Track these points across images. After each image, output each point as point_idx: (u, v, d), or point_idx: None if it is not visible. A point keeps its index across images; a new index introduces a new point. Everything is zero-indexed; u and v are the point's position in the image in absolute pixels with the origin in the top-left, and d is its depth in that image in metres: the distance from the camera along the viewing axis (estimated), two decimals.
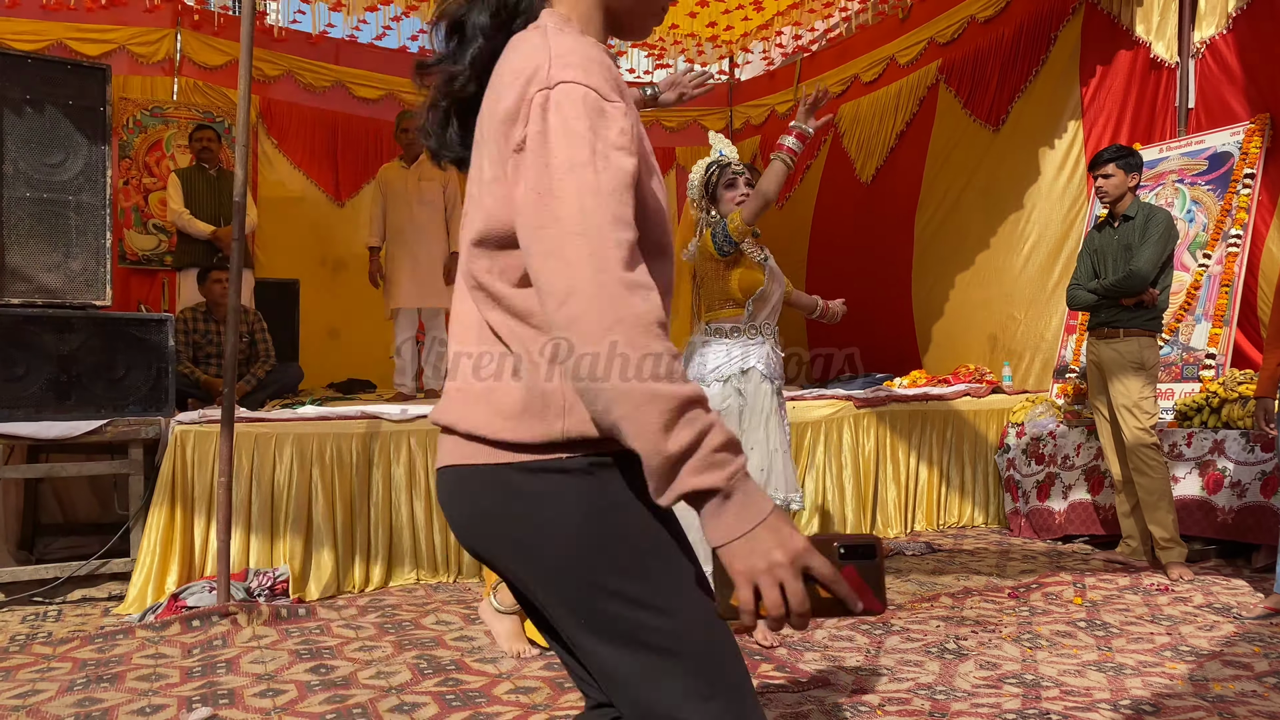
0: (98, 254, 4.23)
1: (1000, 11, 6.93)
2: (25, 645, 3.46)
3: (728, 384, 3.44)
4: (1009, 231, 6.70)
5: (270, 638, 3.53)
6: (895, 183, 7.78)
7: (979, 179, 6.91)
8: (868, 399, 5.65)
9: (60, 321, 4.09)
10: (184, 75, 7.70)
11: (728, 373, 3.45)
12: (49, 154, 4.14)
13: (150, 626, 3.61)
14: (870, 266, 7.87)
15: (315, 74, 8.42)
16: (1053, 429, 5.49)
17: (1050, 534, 5.36)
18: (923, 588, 4.27)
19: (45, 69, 4.17)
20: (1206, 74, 5.61)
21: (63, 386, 4.08)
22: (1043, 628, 3.58)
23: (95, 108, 4.25)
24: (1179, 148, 5.63)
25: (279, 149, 8.24)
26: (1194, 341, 5.21)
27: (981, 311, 6.87)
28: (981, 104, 6.98)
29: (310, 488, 4.31)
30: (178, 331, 5.38)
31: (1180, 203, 5.51)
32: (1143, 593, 4.11)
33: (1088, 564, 4.70)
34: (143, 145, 7.47)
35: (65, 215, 4.17)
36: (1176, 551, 4.40)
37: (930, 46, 7.58)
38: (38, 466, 4.31)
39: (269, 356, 5.69)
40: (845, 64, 8.59)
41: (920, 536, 5.53)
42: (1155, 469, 4.39)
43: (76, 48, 7.15)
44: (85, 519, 5.01)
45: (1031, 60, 6.59)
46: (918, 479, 5.73)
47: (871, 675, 3.06)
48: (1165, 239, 4.40)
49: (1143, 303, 4.41)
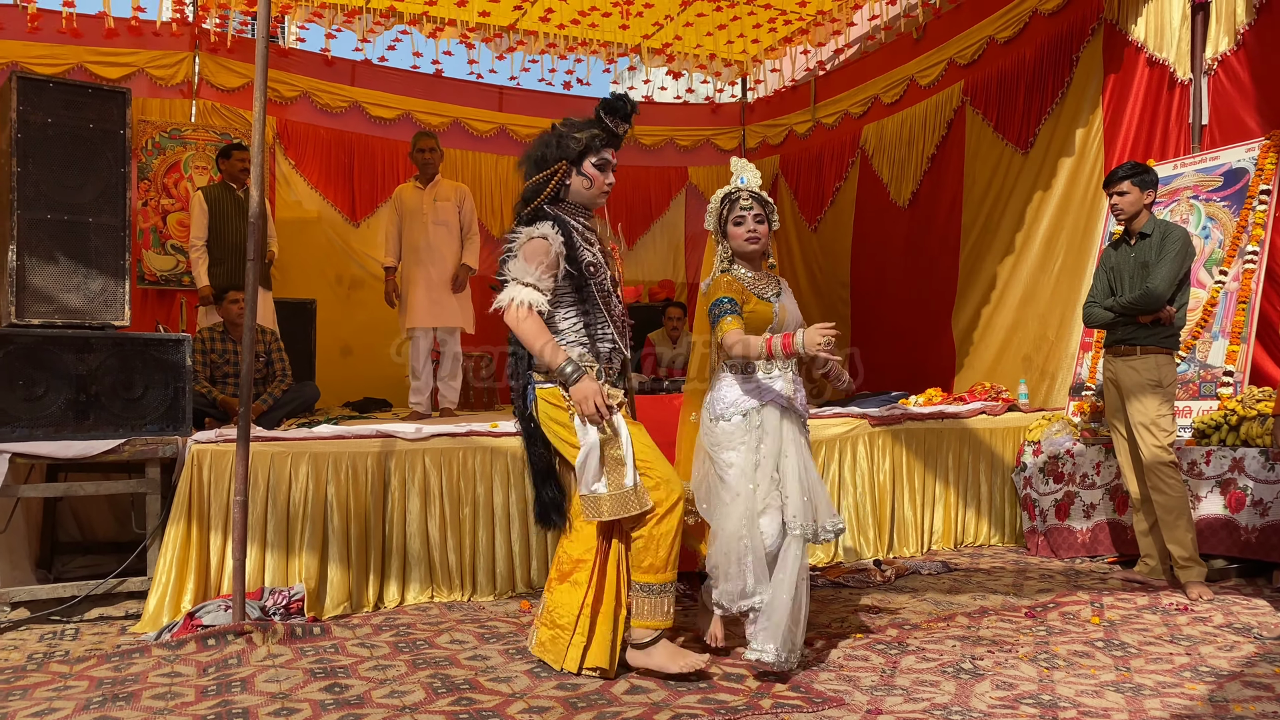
0: (117, 274, 4.28)
1: (1019, 33, 6.96)
2: (43, 663, 3.47)
3: (747, 418, 3.39)
4: (1041, 252, 6.72)
5: (285, 656, 3.53)
6: (934, 207, 7.83)
7: (1015, 202, 6.94)
8: (882, 417, 5.64)
9: (80, 341, 4.13)
10: (202, 97, 7.79)
11: (746, 407, 3.39)
12: (69, 176, 4.19)
13: (166, 645, 3.63)
14: (913, 290, 7.90)
15: (332, 95, 8.50)
16: (1070, 447, 5.46)
17: (1071, 553, 5.32)
18: (939, 607, 4.25)
19: (67, 92, 4.23)
20: (1220, 90, 5.61)
21: (81, 406, 4.11)
22: (1060, 647, 3.55)
23: (115, 130, 4.30)
24: (1193, 164, 5.62)
25: (296, 169, 8.31)
26: (1211, 359, 5.18)
27: (1018, 333, 6.90)
28: (1010, 126, 7.02)
29: (325, 506, 4.33)
30: (196, 351, 5.42)
31: (1196, 219, 5.50)
32: (1161, 612, 4.07)
33: (1105, 583, 4.66)
34: (161, 167, 7.54)
35: (85, 236, 4.22)
36: (1196, 570, 4.36)
37: (951, 67, 7.61)
38: (56, 485, 4.34)
39: (286, 376, 5.73)
40: (863, 84, 8.63)
41: (937, 556, 5.49)
42: (1173, 487, 4.36)
43: (97, 71, 7.24)
44: (103, 538, 5.04)
45: (1056, 82, 6.63)
46: (934, 498, 5.71)
47: (887, 695, 3.04)
48: (1182, 256, 4.38)
49: (1160, 320, 4.39)
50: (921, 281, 7.86)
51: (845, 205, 8.83)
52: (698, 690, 3.12)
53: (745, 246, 3.50)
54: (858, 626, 3.91)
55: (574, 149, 3.30)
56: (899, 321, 8.05)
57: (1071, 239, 6.44)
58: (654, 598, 3.24)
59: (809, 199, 9.34)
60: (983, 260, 7.24)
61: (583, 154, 3.30)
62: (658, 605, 3.25)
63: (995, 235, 7.12)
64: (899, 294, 8.08)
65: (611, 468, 3.20)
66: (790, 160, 9.67)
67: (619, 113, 3.33)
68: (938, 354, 7.60)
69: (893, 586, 4.69)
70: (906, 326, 7.96)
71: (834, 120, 9.00)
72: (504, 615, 4.21)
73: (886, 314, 8.25)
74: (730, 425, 3.40)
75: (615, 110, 3.32)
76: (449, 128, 8.89)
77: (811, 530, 3.34)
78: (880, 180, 8.38)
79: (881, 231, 8.38)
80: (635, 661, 3.27)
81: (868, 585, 4.72)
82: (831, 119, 9.03)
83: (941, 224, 7.69)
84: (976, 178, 7.36)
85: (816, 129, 9.26)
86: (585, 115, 3.42)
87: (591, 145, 3.31)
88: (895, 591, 4.57)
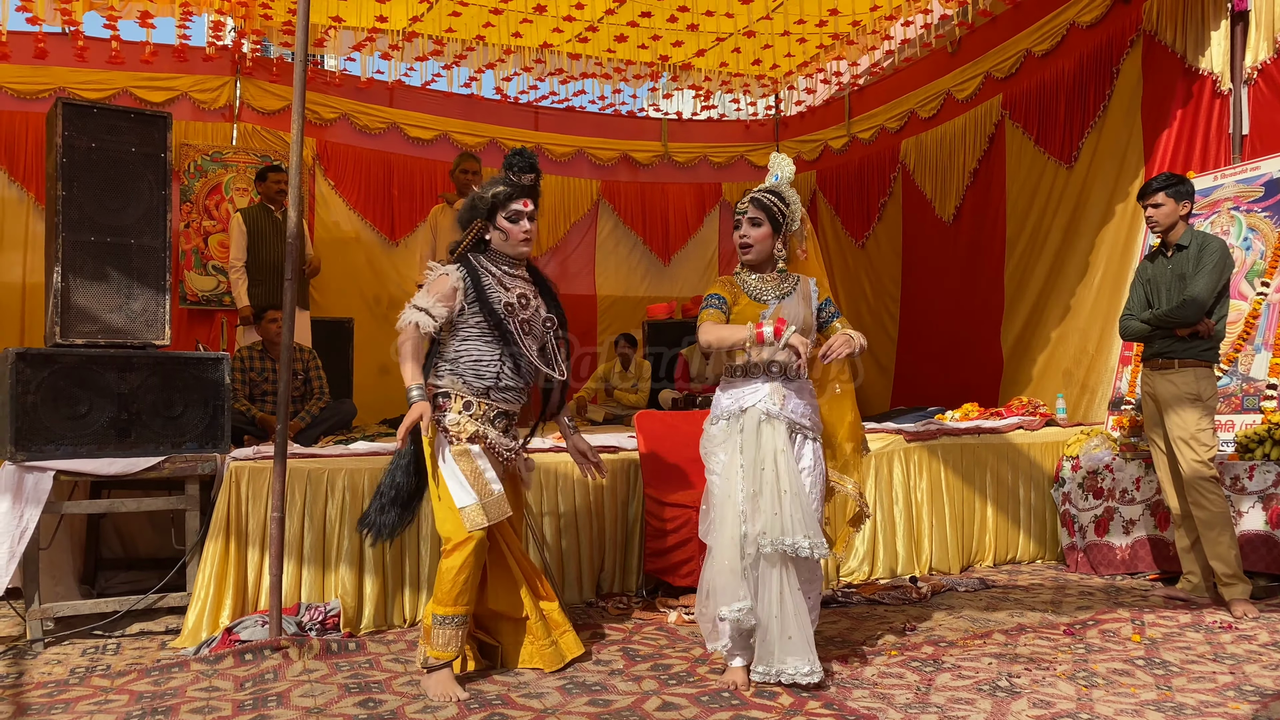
0: (158, 295, 4.36)
1: (1057, 45, 6.92)
2: (84, 678, 3.53)
3: (729, 422, 3.42)
4: (1082, 265, 6.69)
5: (320, 671, 3.57)
6: (978, 221, 7.81)
7: (1060, 218, 6.89)
8: (918, 433, 5.59)
9: (122, 360, 4.20)
10: (243, 121, 7.95)
11: (731, 411, 3.42)
12: (112, 199, 4.28)
13: (204, 660, 3.67)
14: (961, 306, 7.85)
15: (370, 117, 8.64)
16: (1109, 462, 5.38)
17: (1111, 569, 5.23)
18: (975, 624, 4.20)
19: (110, 118, 4.32)
20: (1260, 99, 5.54)
21: (123, 424, 4.19)
22: (1099, 665, 3.50)
23: (156, 154, 4.39)
24: (1234, 174, 5.54)
25: (335, 190, 8.44)
26: (1254, 371, 5.10)
27: (1060, 347, 6.84)
28: (1052, 140, 6.98)
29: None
30: (235, 370, 5.51)
31: (1237, 230, 5.42)
32: (1205, 630, 3.99)
33: (1147, 600, 4.58)
34: (203, 189, 7.70)
35: (127, 258, 4.30)
36: (1240, 588, 4.28)
37: (988, 81, 7.59)
38: (98, 503, 4.42)
39: (323, 393, 5.80)
40: (898, 98, 8.62)
41: (974, 572, 5.43)
42: (1214, 502, 4.28)
43: (141, 95, 7.41)
44: (145, 554, 5.11)
45: (1098, 95, 6.58)
46: (971, 514, 5.64)
47: (922, 713, 3.02)
48: (1221, 267, 4.31)
49: (1198, 333, 4.33)
50: (968, 296, 7.81)
51: (892, 221, 8.80)
52: (730, 708, 3.11)
53: (740, 254, 3.55)
54: (893, 644, 3.88)
55: (483, 208, 3.55)
56: (946, 337, 8.01)
57: (1112, 252, 6.38)
58: (439, 628, 3.36)
59: (853, 215, 9.31)
60: (1029, 274, 7.20)
61: (492, 210, 3.54)
62: (440, 635, 3.36)
63: (1039, 249, 7.08)
64: (947, 309, 8.04)
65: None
66: (828, 175, 9.66)
67: (516, 166, 3.55)
68: (985, 369, 7.55)
69: (929, 603, 4.65)
70: (953, 342, 7.92)
71: (870, 135, 8.98)
72: None
73: (934, 330, 8.20)
74: (715, 429, 3.47)
75: (513, 165, 3.55)
76: (486, 147, 8.98)
77: (782, 546, 3.21)
78: (924, 195, 8.35)
79: (928, 247, 8.35)
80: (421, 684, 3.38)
81: (903, 602, 4.67)
82: (868, 134, 9.02)
83: (986, 238, 7.66)
84: (1019, 191, 7.33)
85: (853, 144, 9.25)
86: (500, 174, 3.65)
87: (498, 201, 3.53)
88: (931, 608, 4.53)
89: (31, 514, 3.96)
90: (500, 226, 3.55)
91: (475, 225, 3.58)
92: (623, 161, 9.98)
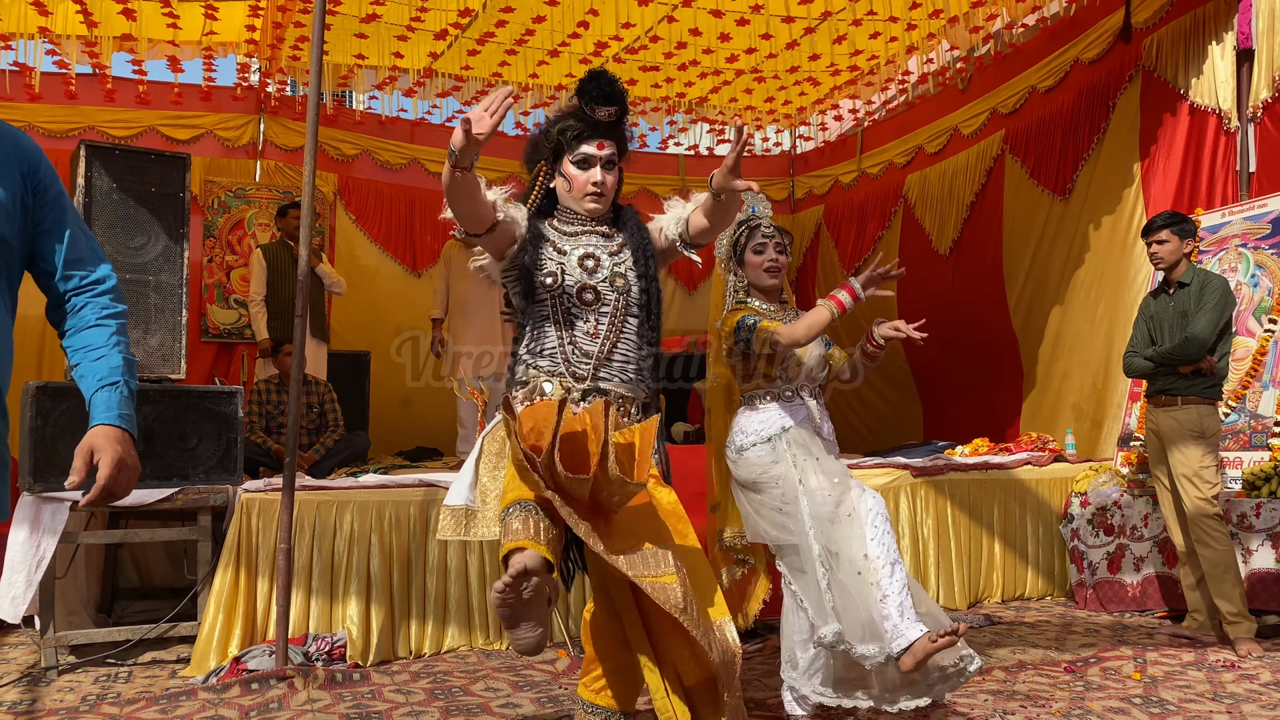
0: (174, 331, 4.48)
1: (1060, 81, 6.95)
2: (95, 705, 3.61)
3: (770, 444, 3.24)
4: (1084, 300, 6.65)
5: (323, 701, 3.63)
6: (975, 254, 7.79)
7: (1057, 250, 6.90)
8: (925, 468, 5.61)
9: (138, 394, 4.30)
10: (266, 157, 8.12)
11: (769, 433, 3.26)
12: (132, 237, 4.41)
13: (212, 689, 3.75)
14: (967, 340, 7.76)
15: (392, 152, 8.79)
16: (1117, 498, 5.37)
17: (1121, 606, 5.21)
18: None
19: (130, 159, 4.48)
20: (1266, 136, 5.54)
21: (139, 455, 4.28)
22: (1095, 704, 3.50)
23: (176, 194, 4.54)
24: (1241, 212, 5.55)
25: (356, 224, 8.58)
26: (1262, 408, 5.08)
27: (1067, 381, 6.82)
28: (1048, 173, 6.98)
29: (369, 554, 4.44)
30: (252, 403, 5.62)
31: (1244, 267, 5.42)
32: (1207, 669, 3.98)
33: (1151, 638, 4.57)
34: (226, 224, 7.86)
35: (146, 294, 4.43)
36: (1245, 626, 4.25)
37: (993, 117, 7.62)
38: (113, 533, 4.53)
39: (338, 426, 5.89)
40: (908, 134, 8.66)
41: (981, 609, 5.42)
42: (1218, 540, 4.27)
43: (167, 133, 7.60)
44: (161, 583, 5.22)
45: (1093, 128, 6.58)
46: (979, 549, 5.63)
47: None
48: (1222, 305, 4.33)
49: (1200, 370, 4.34)
50: (972, 330, 7.76)
51: (888, 254, 8.80)
52: None
53: (764, 279, 3.39)
54: None
55: (547, 147, 2.78)
56: (960, 373, 7.92)
57: (1116, 286, 6.35)
58: None
59: (849, 248, 9.33)
60: (1034, 308, 7.17)
61: (557, 152, 2.76)
62: None
63: (1042, 283, 7.06)
64: (953, 344, 7.98)
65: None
66: (834, 210, 9.70)
67: (590, 94, 2.66)
68: (998, 404, 7.49)
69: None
70: (967, 378, 7.85)
71: (878, 170, 9.04)
72: (539, 663, 4.27)
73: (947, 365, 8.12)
74: (757, 454, 3.26)
75: (586, 92, 2.67)
76: (505, 181, 9.07)
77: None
78: (922, 228, 8.36)
79: (924, 282, 8.32)
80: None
81: None
82: (876, 169, 9.07)
83: (984, 270, 7.63)
84: (1015, 224, 7.32)
85: (861, 179, 9.30)
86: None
87: (565, 140, 2.72)
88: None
89: (48, 544, 4.07)
90: (564, 173, 2.74)
91: (539, 170, 2.82)
92: (641, 195, 10.08)
